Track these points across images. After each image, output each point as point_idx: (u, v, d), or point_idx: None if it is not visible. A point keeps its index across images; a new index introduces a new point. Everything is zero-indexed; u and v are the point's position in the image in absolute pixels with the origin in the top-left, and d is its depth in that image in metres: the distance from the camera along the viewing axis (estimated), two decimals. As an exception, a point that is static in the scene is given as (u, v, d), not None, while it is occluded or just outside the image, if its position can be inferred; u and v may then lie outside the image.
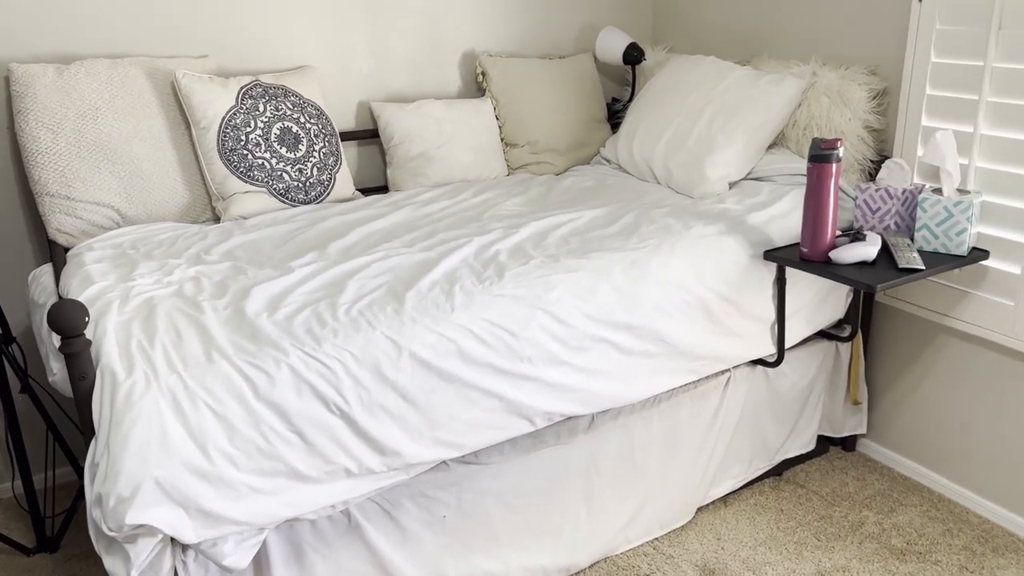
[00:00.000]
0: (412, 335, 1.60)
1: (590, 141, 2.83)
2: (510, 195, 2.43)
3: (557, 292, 1.79)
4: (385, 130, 2.53)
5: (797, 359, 2.30)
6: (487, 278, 1.79)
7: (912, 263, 1.89)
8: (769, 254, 2.03)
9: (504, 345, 1.70)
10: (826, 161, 1.88)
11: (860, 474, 2.43)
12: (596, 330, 1.81)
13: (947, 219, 1.96)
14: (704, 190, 2.33)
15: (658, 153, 2.48)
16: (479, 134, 2.62)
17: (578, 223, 2.14)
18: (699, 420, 2.15)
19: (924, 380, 2.32)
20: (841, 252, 1.92)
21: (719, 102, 2.41)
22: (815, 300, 2.20)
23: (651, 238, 2.01)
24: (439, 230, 2.09)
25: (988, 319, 2.06)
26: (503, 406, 1.72)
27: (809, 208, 1.92)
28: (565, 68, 2.82)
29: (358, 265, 1.83)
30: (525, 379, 1.73)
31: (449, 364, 1.63)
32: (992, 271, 2.03)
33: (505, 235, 2.03)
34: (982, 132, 2.00)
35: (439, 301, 1.69)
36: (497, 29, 2.81)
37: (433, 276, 1.78)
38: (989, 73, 1.95)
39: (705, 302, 1.97)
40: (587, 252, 1.93)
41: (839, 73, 2.29)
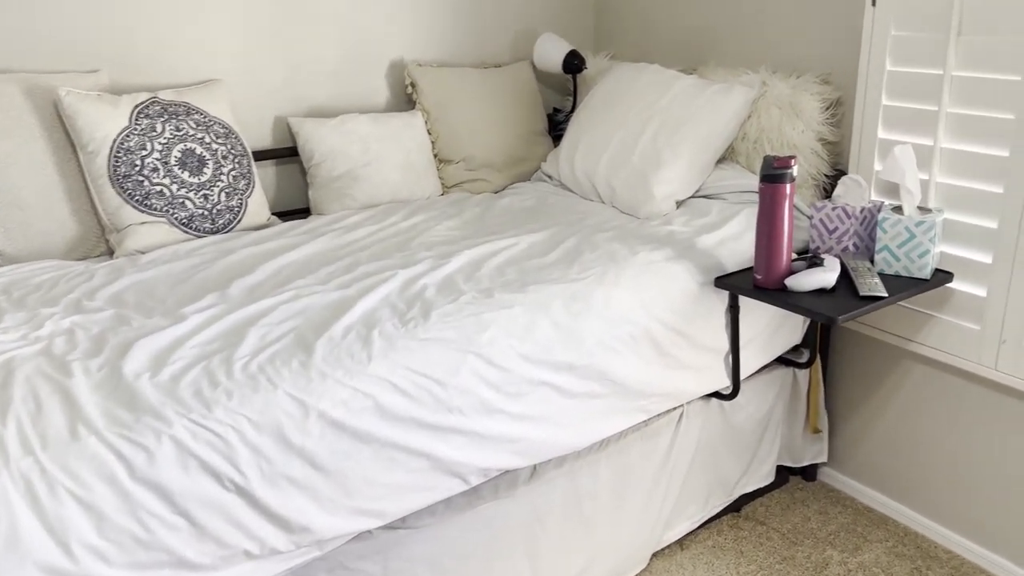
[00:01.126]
0: (321, 392, 1.40)
1: (530, 156, 2.65)
2: (443, 217, 2.23)
3: (490, 332, 1.60)
4: (305, 148, 2.32)
5: (753, 389, 2.15)
6: (411, 319, 1.59)
7: (874, 290, 1.74)
8: (721, 281, 1.87)
9: (430, 396, 1.50)
10: (780, 181, 1.72)
11: (822, 507, 2.28)
12: (535, 373, 1.63)
13: (909, 240, 1.82)
14: (650, 210, 2.16)
15: (601, 170, 2.31)
16: (409, 150, 2.42)
17: (515, 250, 1.95)
18: (651, 460, 1.98)
19: (886, 407, 2.19)
20: (798, 279, 1.77)
21: (664, 114, 2.25)
22: (771, 327, 2.05)
23: (594, 266, 1.83)
24: (361, 261, 1.88)
25: (953, 344, 1.93)
26: (431, 465, 1.52)
27: (762, 232, 1.77)
28: (501, 78, 2.63)
29: (262, 308, 1.61)
30: (455, 433, 1.54)
31: (365, 422, 1.43)
32: (957, 293, 1.90)
33: (434, 266, 1.83)
34: (942, 145, 1.86)
35: (354, 350, 1.48)
36: (427, 37, 2.62)
37: (349, 319, 1.58)
38: (948, 82, 1.82)
39: (653, 335, 1.80)
40: (524, 285, 1.75)
41: (790, 82, 2.15)
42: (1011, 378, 1.83)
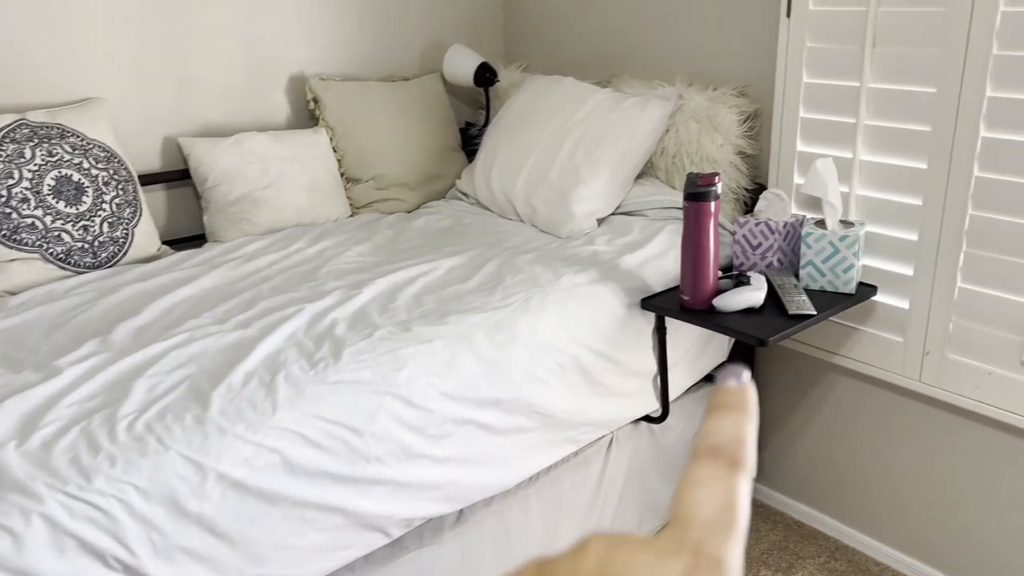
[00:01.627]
0: (220, 451, 1.25)
1: (444, 172, 2.53)
2: (353, 242, 2.09)
3: (409, 370, 1.48)
4: (197, 170, 2.14)
5: (682, 409, 2.09)
6: (320, 360, 1.45)
7: (802, 308, 1.70)
8: (647, 303, 1.80)
9: (344, 446, 1.37)
10: (704, 199, 1.66)
11: (754, 524, 2.25)
12: (458, 411, 1.52)
13: (833, 255, 1.80)
14: (571, 228, 2.08)
15: (519, 187, 2.21)
16: (313, 170, 2.26)
17: (433, 277, 1.83)
18: (582, 491, 1.89)
19: (813, 420, 2.17)
20: (726, 299, 1.71)
21: (581, 129, 2.17)
22: (697, 345, 2.00)
23: (517, 292, 1.73)
24: (262, 296, 1.72)
25: (877, 356, 1.92)
26: (348, 521, 1.39)
27: (688, 252, 1.71)
28: (410, 91, 2.51)
29: (151, 356, 1.44)
30: (374, 483, 1.41)
31: (272, 481, 1.28)
32: (880, 306, 1.89)
33: (345, 298, 1.69)
34: (861, 158, 1.85)
35: (256, 399, 1.34)
36: (329, 49, 2.47)
37: (250, 364, 1.42)
38: (865, 94, 1.80)
39: (581, 362, 1.72)
40: (444, 315, 1.63)
41: (707, 95, 2.11)
42: (935, 389, 1.83)
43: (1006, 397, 1.71)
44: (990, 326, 1.71)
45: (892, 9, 1.72)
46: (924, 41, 1.69)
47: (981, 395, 1.75)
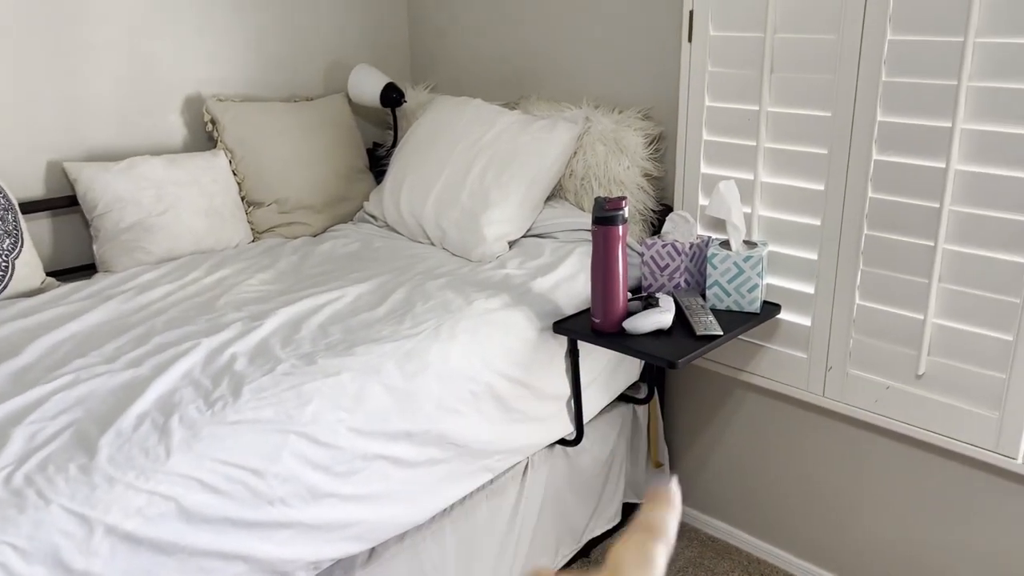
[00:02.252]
0: (108, 502, 1.16)
1: (351, 194, 2.47)
2: (255, 269, 2.01)
3: (314, 406, 1.42)
4: (86, 197, 2.02)
5: (596, 430, 2.09)
6: (218, 399, 1.38)
7: (709, 329, 1.73)
8: (560, 326, 1.79)
9: (245, 489, 1.30)
10: (612, 223, 1.67)
11: (668, 541, 2.26)
12: (368, 446, 1.47)
13: (738, 275, 1.83)
14: (483, 252, 2.05)
15: (429, 210, 2.18)
16: (212, 194, 2.17)
17: (339, 305, 1.78)
18: (498, 519, 1.86)
19: (723, 436, 2.21)
20: (636, 321, 1.72)
21: (490, 151, 2.16)
22: (610, 366, 2.00)
23: (428, 319, 1.70)
24: (156, 330, 1.63)
25: (782, 372, 1.97)
26: (251, 568, 1.32)
27: (597, 276, 1.71)
28: (314, 112, 2.45)
29: (32, 400, 1.34)
30: (278, 527, 1.34)
31: (167, 531, 1.21)
32: (784, 324, 1.93)
33: (245, 331, 1.62)
34: (762, 180, 1.89)
35: (149, 444, 1.26)
36: (227, 69, 2.38)
37: (142, 405, 1.34)
38: (765, 118, 1.85)
39: (495, 389, 1.69)
40: (351, 346, 1.58)
41: (613, 118, 2.12)
42: (838, 403, 1.88)
43: (904, 410, 1.77)
44: (887, 341, 1.77)
45: (788, 36, 1.78)
46: (819, 67, 1.75)
47: (881, 408, 1.81)
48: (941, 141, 1.60)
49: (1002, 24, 1.49)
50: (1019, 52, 1.48)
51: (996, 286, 1.59)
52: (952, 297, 1.65)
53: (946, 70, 1.57)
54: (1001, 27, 1.49)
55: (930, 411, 1.73)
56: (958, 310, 1.65)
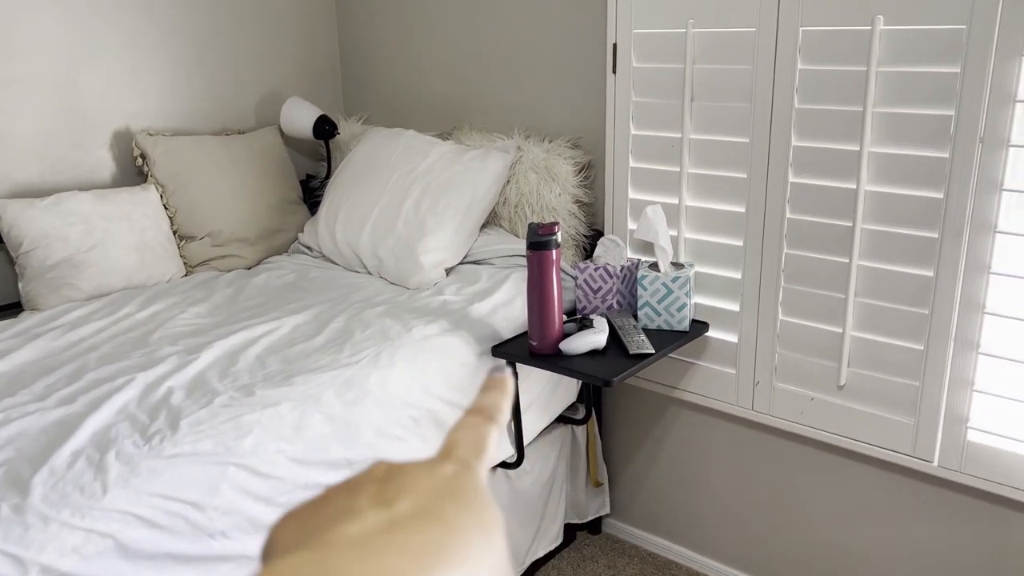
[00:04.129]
0: (43, 541, 1.14)
1: (285, 226, 2.47)
2: (188, 303, 1.99)
3: (253, 437, 1.42)
4: (10, 234, 1.97)
5: (536, 452, 2.12)
6: (156, 433, 1.37)
7: (642, 347, 1.78)
8: (498, 350, 1.83)
9: (185, 523, 1.29)
10: (546, 248, 1.72)
11: (611, 560, 2.30)
12: (309, 476, 1.47)
13: (667, 295, 1.90)
14: (420, 279, 2.08)
15: (365, 240, 2.20)
16: (142, 229, 2.15)
17: (277, 336, 1.78)
18: (441, 545, 1.87)
19: (659, 453, 2.26)
20: (571, 343, 1.77)
21: (424, 181, 2.19)
22: (548, 388, 2.04)
23: (367, 347, 1.71)
24: (89, 367, 1.61)
25: (713, 388, 2.04)
26: (192, 604, 1.30)
27: (533, 299, 1.75)
28: (246, 145, 2.44)
29: (-42, 442, 1.31)
30: (220, 560, 1.33)
31: (105, 569, 1.19)
32: (713, 341, 2.01)
33: (181, 364, 1.61)
34: (687, 204, 1.97)
35: (84, 481, 1.24)
36: (156, 103, 2.37)
37: (76, 443, 1.32)
38: (687, 144, 1.94)
39: (436, 415, 1.71)
40: (290, 376, 1.58)
41: (544, 147, 2.19)
42: (766, 416, 1.96)
43: (828, 420, 1.85)
44: (810, 355, 1.85)
45: (706, 67, 1.87)
46: (737, 96, 1.84)
47: (806, 419, 1.89)
48: (851, 163, 1.70)
49: (902, 54, 1.60)
50: (917, 80, 1.59)
51: (906, 298, 1.69)
52: (867, 310, 1.75)
53: (853, 97, 1.67)
54: (901, 57, 1.60)
55: (852, 420, 1.82)
56: (873, 322, 1.75)
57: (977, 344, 1.61)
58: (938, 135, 1.59)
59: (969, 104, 1.53)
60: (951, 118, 1.56)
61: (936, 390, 1.68)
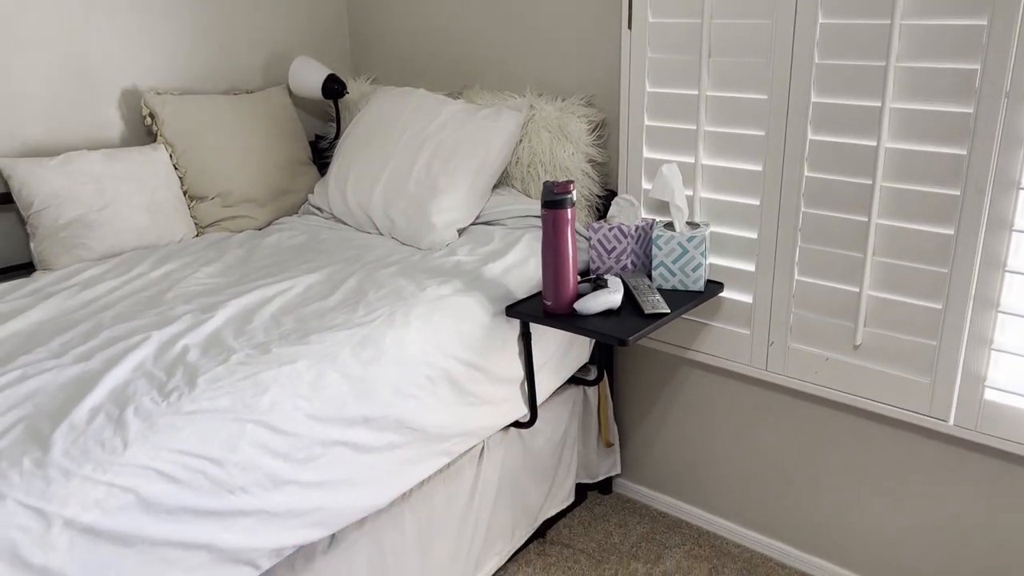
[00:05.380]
0: (65, 495, 1.15)
1: (295, 187, 2.45)
2: (201, 263, 1.99)
3: (271, 394, 1.42)
4: (21, 193, 1.96)
5: (549, 412, 2.13)
6: (173, 390, 1.37)
7: (657, 307, 1.78)
8: (512, 310, 1.82)
9: (205, 478, 1.29)
10: (561, 207, 1.70)
11: (621, 519, 2.32)
12: (326, 432, 1.47)
13: (682, 255, 1.88)
14: (432, 240, 2.07)
15: (376, 200, 2.18)
16: (153, 189, 2.13)
17: (290, 295, 1.77)
18: (455, 503, 1.88)
19: (671, 413, 2.27)
20: (586, 303, 1.76)
21: (436, 140, 2.17)
22: (561, 349, 2.04)
23: (381, 307, 1.70)
24: (104, 325, 1.60)
25: (727, 349, 2.03)
26: (213, 557, 1.31)
27: (548, 259, 1.74)
28: (255, 104, 2.42)
29: (-22, 398, 1.31)
30: (240, 515, 1.34)
31: (127, 523, 1.19)
32: (727, 302, 2.00)
33: (196, 323, 1.60)
34: (703, 162, 1.95)
35: (104, 436, 1.24)
36: (165, 62, 2.34)
37: (95, 399, 1.32)
38: (704, 102, 1.91)
39: (450, 374, 1.71)
40: (305, 335, 1.58)
41: (557, 105, 2.16)
42: (780, 376, 1.95)
43: (842, 379, 1.85)
44: (826, 315, 1.84)
45: (724, 21, 1.83)
46: (755, 51, 1.81)
47: (821, 379, 1.88)
48: (872, 120, 1.68)
49: (927, 6, 1.57)
50: (942, 33, 1.56)
51: (926, 257, 1.67)
52: (886, 269, 1.73)
53: (875, 51, 1.64)
54: (925, 9, 1.57)
55: (867, 379, 1.81)
56: (891, 282, 1.73)
57: (997, 302, 1.60)
58: (962, 90, 1.56)
59: (995, 57, 1.50)
60: (976, 72, 1.53)
61: (954, 349, 1.67)
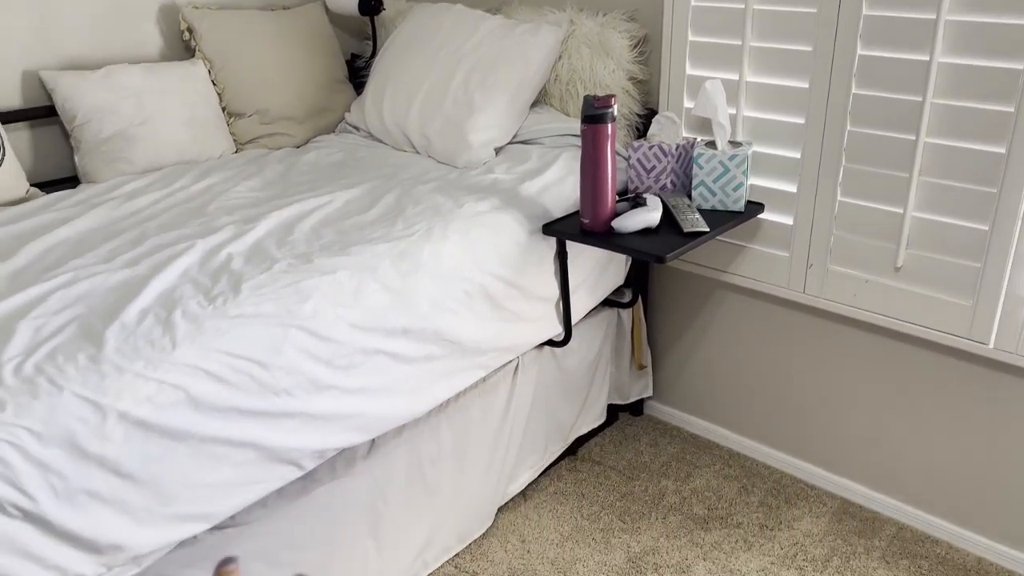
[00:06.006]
0: (119, 389, 1.19)
1: (333, 105, 2.45)
2: (241, 178, 2.01)
3: (313, 302, 1.44)
4: (65, 106, 1.98)
5: (582, 332, 2.14)
6: (218, 295, 1.40)
7: (696, 226, 1.76)
8: (549, 228, 1.82)
9: (251, 380, 1.33)
10: (601, 121, 1.68)
11: (652, 439, 2.35)
12: (367, 341, 1.50)
13: (723, 174, 1.86)
14: (469, 158, 2.06)
15: (412, 119, 2.17)
16: (193, 104, 2.14)
17: (330, 209, 1.79)
18: (491, 416, 1.92)
19: (704, 337, 2.27)
20: (624, 221, 1.75)
21: (473, 57, 2.14)
22: (596, 270, 2.04)
23: (420, 221, 1.72)
24: (149, 233, 1.64)
25: (764, 272, 2.02)
26: (259, 456, 1.36)
27: (587, 175, 1.73)
28: (292, 21, 2.40)
29: (32, 297, 1.35)
30: (284, 416, 1.38)
31: (177, 418, 1.24)
32: (766, 223, 1.98)
33: (239, 233, 1.63)
34: (747, 79, 1.91)
35: (154, 336, 1.28)
36: (202, -25, 2.32)
37: (143, 301, 1.36)
38: (751, 16, 1.85)
39: (487, 289, 1.73)
40: (346, 246, 1.60)
41: (598, 20, 2.11)
42: (818, 299, 1.94)
43: (881, 302, 1.84)
44: (867, 236, 1.82)
45: (774, -69, 1.77)
46: (804, -37, 1.75)
47: (859, 302, 1.87)
48: (925, 33, 1.62)
49: (988, -87, 1.50)
50: (1004, -59, 1.49)
51: (974, 177, 1.63)
52: (931, 190, 1.70)
53: (931, -38, 1.58)
54: (987, -84, 1.50)
55: (907, 302, 1.80)
56: (937, 202, 1.70)
57: (1046, 223, 1.57)
58: (1020, 2, 1.49)
59: (1061, -34, 1.43)
60: (1039, -18, 1.47)
61: (998, 271, 1.64)
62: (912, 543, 1.94)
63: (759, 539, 1.96)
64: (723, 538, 1.97)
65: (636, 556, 1.92)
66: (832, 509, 2.05)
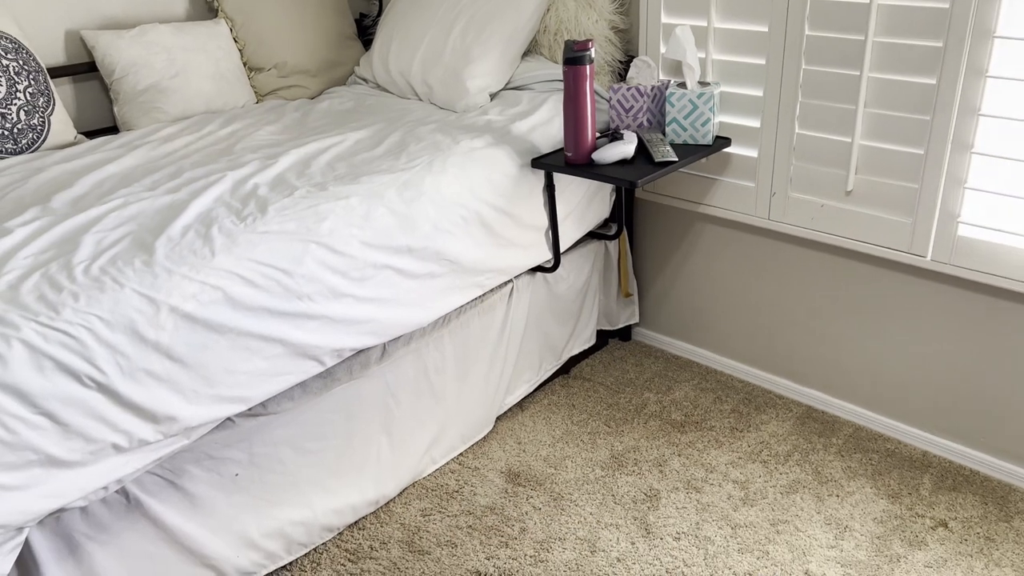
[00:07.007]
0: (169, 288, 1.44)
1: (343, 60, 2.67)
2: (262, 123, 2.24)
3: (329, 222, 1.68)
4: (104, 62, 2.22)
5: (572, 262, 2.37)
6: (248, 215, 1.64)
7: (666, 156, 1.98)
8: (537, 162, 2.04)
9: (278, 285, 1.57)
10: (580, 63, 1.90)
11: (638, 360, 2.59)
12: (377, 257, 1.74)
13: (692, 111, 2.07)
14: (466, 103, 2.28)
15: (415, 69, 2.39)
16: (217, 60, 2.37)
17: (342, 147, 2.02)
18: (489, 333, 2.16)
19: (684, 265, 2.50)
20: (602, 153, 1.97)
21: (469, 12, 2.35)
22: (582, 202, 2.27)
23: (421, 156, 1.94)
24: (185, 168, 1.88)
25: (734, 201, 2.24)
26: (286, 350, 1.61)
27: (569, 112, 1.94)
28: (304, -18, 2.61)
29: (92, 217, 1.60)
30: (307, 318, 1.63)
31: (217, 314, 1.48)
32: (734, 157, 2.19)
33: (263, 167, 1.87)
34: (715, 25, 2.11)
35: (196, 246, 1.52)
36: (221, -59, 2.53)
37: (185, 219, 1.60)
38: (717, -32, 2.05)
39: (482, 216, 1.95)
40: (357, 177, 1.83)
41: (582, -25, 2.31)
42: (781, 224, 2.16)
43: (835, 224, 2.05)
44: (821, 164, 2.03)
45: None
46: (762, -83, 1.94)
47: (816, 224, 2.09)
48: (866, -21, 1.82)
49: None
50: None
51: (911, 106, 1.84)
52: (875, 120, 1.91)
53: (871, -87, 1.77)
54: None
55: (857, 223, 2.01)
56: (880, 130, 1.91)
57: (971, 145, 1.77)
58: (949, -54, 1.69)
59: (979, -86, 1.62)
60: (961, -72, 1.66)
61: (932, 190, 1.85)
62: (866, 440, 2.17)
63: (729, 439, 2.20)
64: (697, 438, 2.21)
65: (619, 453, 2.16)
66: (796, 415, 2.29)
